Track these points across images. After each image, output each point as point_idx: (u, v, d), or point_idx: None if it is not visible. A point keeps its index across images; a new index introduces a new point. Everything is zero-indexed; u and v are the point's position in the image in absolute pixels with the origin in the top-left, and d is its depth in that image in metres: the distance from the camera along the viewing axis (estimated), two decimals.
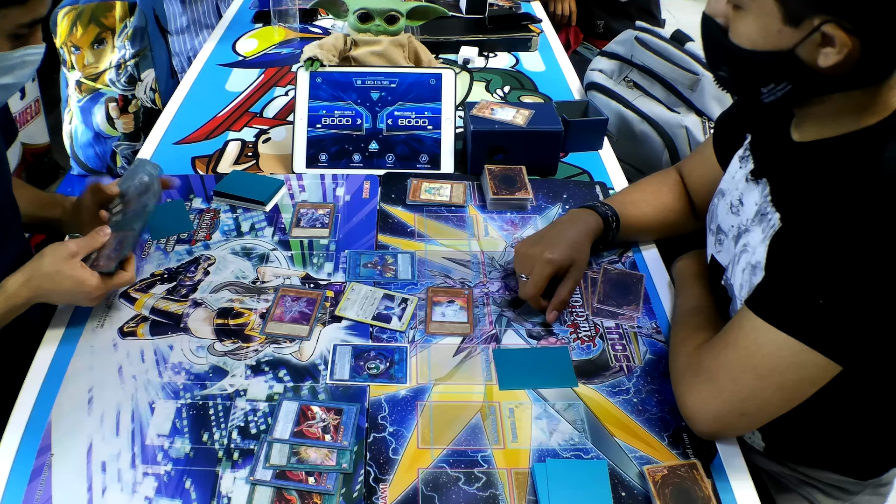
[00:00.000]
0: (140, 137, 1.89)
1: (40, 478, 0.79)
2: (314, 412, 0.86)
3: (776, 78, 0.78)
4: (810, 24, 0.72)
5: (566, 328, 1.00)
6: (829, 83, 0.76)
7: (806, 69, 0.74)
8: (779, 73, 0.77)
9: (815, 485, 1.00)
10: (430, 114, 1.35)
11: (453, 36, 1.84)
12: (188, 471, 0.80)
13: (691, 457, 0.83)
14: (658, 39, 1.63)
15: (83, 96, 1.85)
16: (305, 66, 1.35)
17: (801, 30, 0.72)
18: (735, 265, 0.89)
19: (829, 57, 0.72)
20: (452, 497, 0.78)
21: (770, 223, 0.84)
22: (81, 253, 0.92)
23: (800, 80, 0.77)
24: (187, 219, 1.19)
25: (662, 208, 1.13)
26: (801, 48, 0.73)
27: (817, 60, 0.73)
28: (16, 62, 0.87)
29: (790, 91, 0.78)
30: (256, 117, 1.52)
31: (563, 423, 0.87)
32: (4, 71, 0.87)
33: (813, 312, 0.74)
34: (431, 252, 1.13)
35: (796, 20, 0.72)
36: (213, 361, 0.93)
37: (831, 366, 0.75)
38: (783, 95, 0.79)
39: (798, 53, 0.74)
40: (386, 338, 0.98)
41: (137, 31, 1.81)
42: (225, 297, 1.03)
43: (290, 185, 1.28)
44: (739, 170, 0.95)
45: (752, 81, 0.80)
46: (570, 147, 1.40)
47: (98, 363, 0.93)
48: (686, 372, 0.85)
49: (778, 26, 0.74)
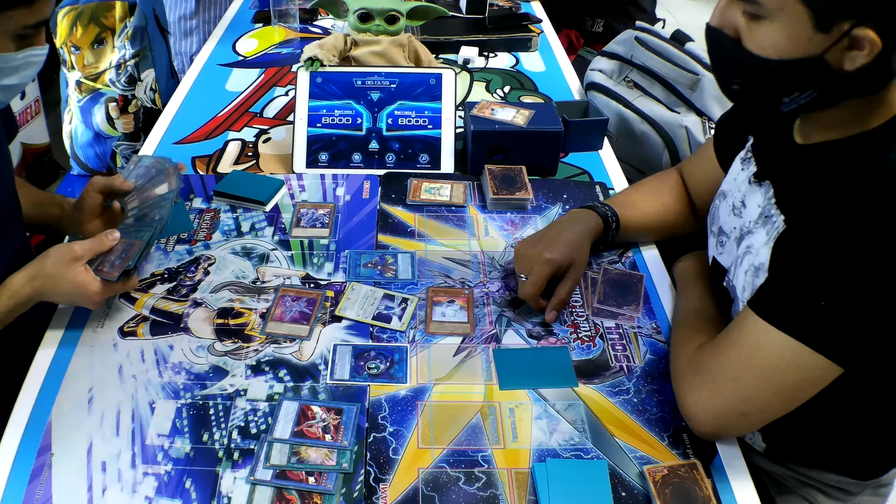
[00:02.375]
0: (140, 137, 1.89)
1: (40, 478, 0.79)
2: (314, 412, 0.86)
3: (802, 86, 0.76)
4: (840, 30, 0.71)
5: (566, 328, 1.00)
6: (851, 87, 0.75)
7: (833, 74, 0.73)
8: (806, 80, 0.75)
9: (815, 486, 1.00)
10: (431, 114, 1.35)
11: (453, 36, 1.84)
12: (188, 471, 0.80)
13: (691, 457, 0.83)
14: (658, 39, 1.63)
15: (83, 96, 1.85)
16: (305, 66, 1.35)
17: (831, 35, 0.71)
18: (738, 267, 0.89)
19: (857, 60, 0.71)
20: (452, 497, 0.78)
21: (774, 225, 0.84)
22: (86, 256, 0.92)
23: (826, 86, 0.75)
24: (187, 219, 1.19)
25: (662, 209, 1.13)
26: (829, 54, 0.72)
27: (843, 64, 0.72)
28: (20, 63, 0.88)
29: (815, 98, 0.77)
30: (256, 117, 1.52)
31: (563, 423, 0.87)
32: (9, 72, 0.87)
33: (815, 314, 0.74)
34: (431, 252, 1.13)
35: (827, 26, 0.71)
36: (214, 361, 0.93)
37: (832, 367, 0.75)
38: (806, 103, 0.78)
39: (826, 59, 0.73)
40: (386, 338, 0.98)
41: (137, 31, 1.81)
42: (225, 296, 1.03)
43: (290, 185, 1.28)
44: (741, 171, 0.95)
45: (774, 91, 0.78)
46: (570, 147, 1.41)
47: (98, 363, 0.93)
48: (687, 372, 0.85)
49: (808, 33, 0.72)
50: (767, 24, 0.74)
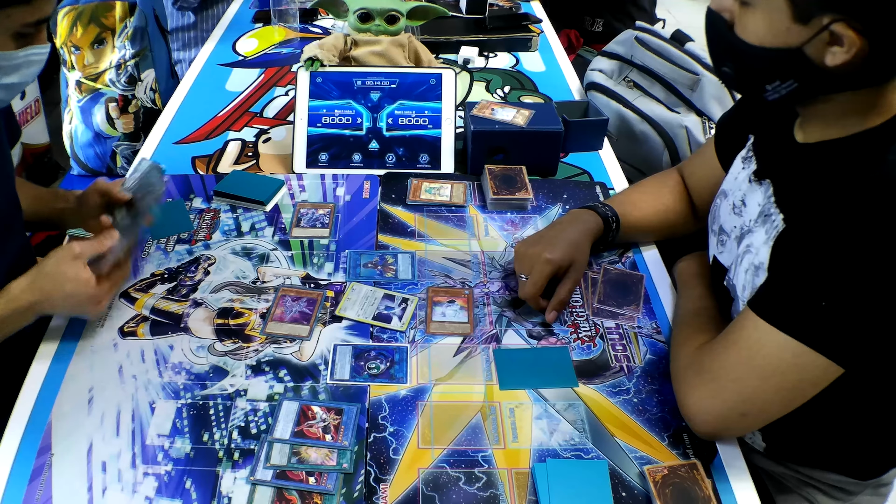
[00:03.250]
0: (140, 137, 1.89)
1: (40, 478, 0.79)
2: (314, 412, 0.86)
3: (782, 75, 0.78)
4: (819, 23, 0.71)
5: (566, 328, 1.00)
6: (834, 82, 0.76)
7: (813, 67, 0.74)
8: (785, 70, 0.77)
9: (815, 485, 1.00)
10: (431, 114, 1.35)
11: (453, 36, 1.84)
12: (188, 471, 0.80)
13: (691, 457, 0.83)
14: (658, 39, 1.63)
15: (83, 96, 1.85)
16: (305, 65, 1.35)
17: (810, 28, 0.72)
18: (738, 266, 0.89)
19: (837, 56, 0.72)
20: (453, 497, 0.78)
21: (774, 224, 0.84)
22: (85, 254, 0.92)
23: (806, 79, 0.77)
24: (187, 219, 1.19)
25: (663, 209, 1.13)
26: (809, 46, 0.73)
27: (824, 59, 0.73)
28: (21, 61, 0.87)
29: (795, 89, 0.78)
30: (256, 117, 1.52)
31: (563, 423, 0.87)
32: (9, 70, 0.87)
33: (815, 314, 0.74)
34: (431, 252, 1.13)
35: (805, 18, 0.72)
36: (214, 361, 0.93)
37: (833, 368, 0.75)
38: (788, 93, 0.79)
39: (805, 51, 0.74)
40: (386, 338, 0.98)
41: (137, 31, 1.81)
42: (225, 297, 1.03)
43: (290, 185, 1.28)
44: (742, 170, 0.95)
45: (757, 78, 0.80)
46: (570, 147, 1.40)
47: (98, 363, 0.93)
48: (687, 372, 0.85)
49: (787, 24, 0.74)
50: (752, 11, 0.77)
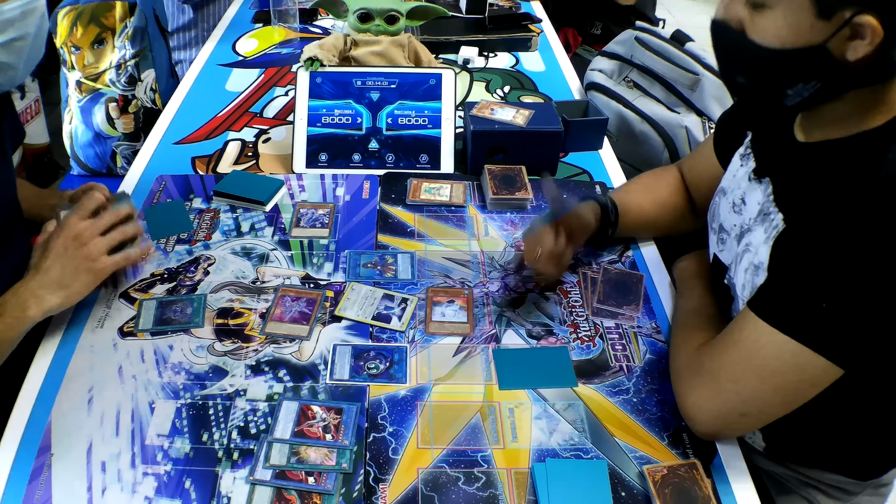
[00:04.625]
0: (140, 137, 1.88)
1: (40, 478, 0.79)
2: (314, 412, 0.86)
3: (805, 77, 0.76)
4: (841, 17, 0.71)
5: (566, 328, 1.00)
6: (854, 78, 0.75)
7: (836, 64, 0.73)
8: (809, 70, 0.76)
9: (815, 485, 0.99)
10: (430, 113, 1.35)
11: (453, 36, 1.84)
12: (188, 471, 0.80)
13: (691, 457, 0.83)
14: (658, 39, 1.63)
15: (83, 96, 1.85)
16: (305, 66, 1.35)
17: (832, 23, 0.72)
18: (737, 265, 0.89)
19: (859, 49, 0.71)
20: (452, 497, 0.78)
21: (773, 223, 0.83)
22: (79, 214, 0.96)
23: (830, 77, 0.75)
24: (187, 219, 1.19)
25: (660, 201, 1.13)
26: (831, 42, 0.72)
27: (846, 54, 0.72)
28: (14, 14, 0.82)
29: (819, 90, 0.77)
30: (256, 117, 1.52)
31: (562, 422, 0.87)
32: (3, 26, 0.82)
33: (815, 315, 0.74)
34: (431, 252, 1.13)
35: (828, 13, 0.71)
36: (213, 361, 0.93)
37: (833, 368, 0.74)
38: (810, 95, 0.78)
39: (828, 48, 0.73)
40: (386, 338, 0.98)
41: (137, 31, 1.81)
42: (225, 297, 1.03)
43: (290, 185, 1.28)
44: (741, 168, 0.95)
45: (778, 83, 0.79)
46: (570, 147, 1.41)
47: (98, 363, 0.93)
48: (686, 372, 0.85)
49: (810, 20, 0.72)
50: (769, 12, 0.75)
